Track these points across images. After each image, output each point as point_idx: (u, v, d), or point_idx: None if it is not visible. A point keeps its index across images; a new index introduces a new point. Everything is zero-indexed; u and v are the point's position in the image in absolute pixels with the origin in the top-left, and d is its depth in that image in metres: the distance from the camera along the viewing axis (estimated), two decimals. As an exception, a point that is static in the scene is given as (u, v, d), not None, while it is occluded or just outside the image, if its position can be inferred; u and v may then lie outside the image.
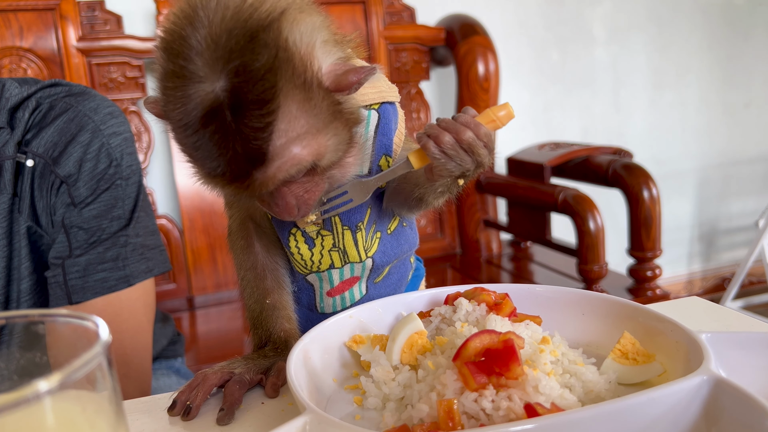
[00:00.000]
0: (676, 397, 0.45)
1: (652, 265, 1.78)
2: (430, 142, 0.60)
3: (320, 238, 0.73)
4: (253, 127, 0.52)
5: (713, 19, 2.81)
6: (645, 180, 1.75)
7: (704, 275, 3.04)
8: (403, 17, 2.16)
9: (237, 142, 0.53)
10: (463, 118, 0.60)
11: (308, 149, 0.56)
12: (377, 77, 0.72)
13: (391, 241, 0.77)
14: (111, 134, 0.94)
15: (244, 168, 0.54)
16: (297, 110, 0.54)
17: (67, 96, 0.95)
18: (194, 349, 1.66)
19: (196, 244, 1.93)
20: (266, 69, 0.52)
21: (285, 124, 0.54)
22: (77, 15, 1.77)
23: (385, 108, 0.72)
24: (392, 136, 0.72)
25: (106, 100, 0.97)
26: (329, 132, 0.58)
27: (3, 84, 0.92)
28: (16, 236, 0.91)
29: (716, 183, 2.97)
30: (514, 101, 2.51)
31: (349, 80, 0.57)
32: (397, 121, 0.74)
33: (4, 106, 0.90)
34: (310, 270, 0.75)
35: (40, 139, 0.91)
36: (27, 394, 0.28)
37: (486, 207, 2.24)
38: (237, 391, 0.60)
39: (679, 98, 2.83)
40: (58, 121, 0.92)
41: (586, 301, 0.66)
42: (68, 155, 0.91)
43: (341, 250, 0.74)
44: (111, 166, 0.93)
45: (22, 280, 0.93)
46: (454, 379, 0.49)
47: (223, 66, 0.51)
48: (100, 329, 0.35)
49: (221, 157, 0.54)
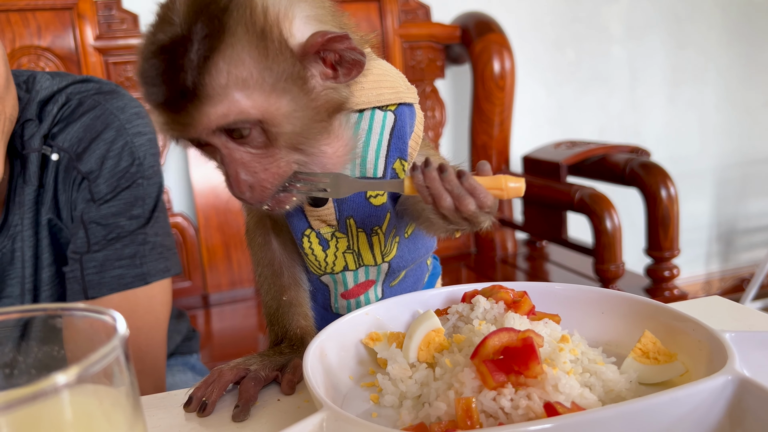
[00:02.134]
0: (699, 397, 0.44)
1: (669, 265, 1.76)
2: (429, 199, 0.58)
3: (334, 239, 0.73)
4: (194, 58, 0.54)
5: (732, 17, 2.78)
6: (663, 179, 1.73)
7: (722, 275, 3.01)
8: (418, 15, 2.15)
9: (179, 72, 0.54)
10: (468, 183, 0.57)
11: (252, 101, 0.55)
12: (396, 77, 0.71)
13: (408, 245, 0.76)
14: (136, 134, 0.95)
15: (181, 99, 0.55)
16: (246, 56, 0.55)
17: (96, 93, 0.96)
18: (209, 346, 1.67)
19: (211, 242, 1.94)
20: (220, 10, 0.55)
21: (226, 64, 0.54)
22: (94, 14, 1.78)
23: (401, 110, 0.70)
24: (407, 139, 0.71)
25: (134, 100, 0.98)
26: (286, 97, 0.57)
27: (34, 77, 0.93)
28: (40, 227, 0.93)
29: (735, 182, 2.93)
30: (529, 99, 2.51)
31: (315, 40, 0.57)
32: (414, 124, 0.72)
33: (34, 98, 0.91)
34: (324, 271, 0.75)
35: (66, 133, 0.92)
36: (45, 388, 0.28)
37: (501, 205, 2.23)
38: (252, 388, 0.60)
39: (698, 96, 2.80)
40: (85, 118, 0.93)
41: (605, 300, 0.65)
42: (91, 152, 0.92)
43: (356, 252, 0.74)
44: (133, 165, 0.94)
45: (43, 269, 0.94)
46: (472, 377, 0.48)
47: (186, 9, 0.55)
48: (118, 324, 0.34)
49: (162, 84, 0.55)
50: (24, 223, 0.92)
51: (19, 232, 0.92)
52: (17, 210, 0.91)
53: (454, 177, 0.57)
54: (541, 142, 2.36)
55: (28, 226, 0.92)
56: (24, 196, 0.91)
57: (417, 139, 0.73)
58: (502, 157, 2.19)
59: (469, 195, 0.57)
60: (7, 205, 0.92)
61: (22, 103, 0.91)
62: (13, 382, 0.39)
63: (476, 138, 2.19)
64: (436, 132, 2.24)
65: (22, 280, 0.93)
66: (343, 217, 0.71)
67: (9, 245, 0.92)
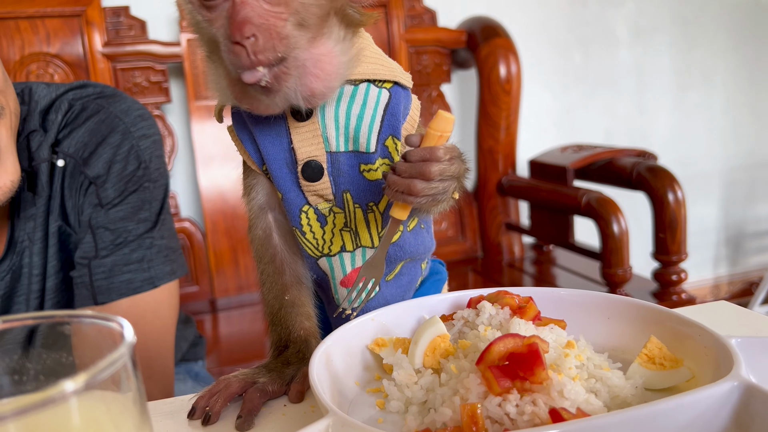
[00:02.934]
0: (705, 403, 0.44)
1: (677, 269, 1.76)
2: (406, 196, 0.60)
3: (332, 215, 0.73)
4: None
5: (739, 20, 2.77)
6: (670, 182, 1.73)
7: (731, 279, 2.99)
8: (424, 20, 2.15)
9: None
10: (415, 155, 0.60)
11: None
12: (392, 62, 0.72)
13: (410, 238, 0.76)
14: (141, 136, 0.95)
15: None
16: None
17: (99, 98, 0.96)
18: (216, 351, 1.67)
19: (219, 247, 1.95)
20: None
21: None
22: (103, 21, 1.80)
23: (396, 90, 0.71)
24: (401, 117, 0.71)
25: (136, 103, 0.99)
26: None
27: (29, 88, 0.93)
28: (50, 235, 0.93)
29: (743, 185, 2.92)
30: (536, 103, 2.51)
31: None
32: (409, 107, 0.73)
33: (34, 108, 0.91)
34: (321, 252, 0.75)
35: (71, 139, 0.92)
36: (53, 394, 0.28)
37: (508, 210, 2.22)
38: (257, 398, 0.60)
39: (705, 99, 2.79)
40: (90, 122, 0.93)
41: (611, 305, 0.65)
42: (98, 156, 0.92)
43: (353, 230, 0.74)
44: (140, 168, 0.94)
45: (49, 278, 0.94)
46: (477, 383, 0.48)
47: None
48: (125, 330, 0.35)
49: None
50: (35, 237, 0.91)
51: (27, 247, 0.91)
52: (23, 225, 0.91)
53: (405, 163, 0.60)
54: (548, 145, 2.36)
55: (38, 239, 0.91)
56: (28, 210, 0.90)
57: (412, 122, 0.73)
58: (508, 161, 2.19)
59: (424, 161, 0.59)
60: (12, 221, 0.91)
61: (21, 115, 0.90)
62: (22, 389, 0.39)
63: (483, 142, 2.19)
64: (442, 136, 2.23)
65: (27, 295, 0.93)
66: (339, 191, 0.71)
67: (17, 262, 0.92)
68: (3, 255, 0.91)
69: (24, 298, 0.93)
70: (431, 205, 0.63)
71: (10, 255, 0.91)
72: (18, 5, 1.73)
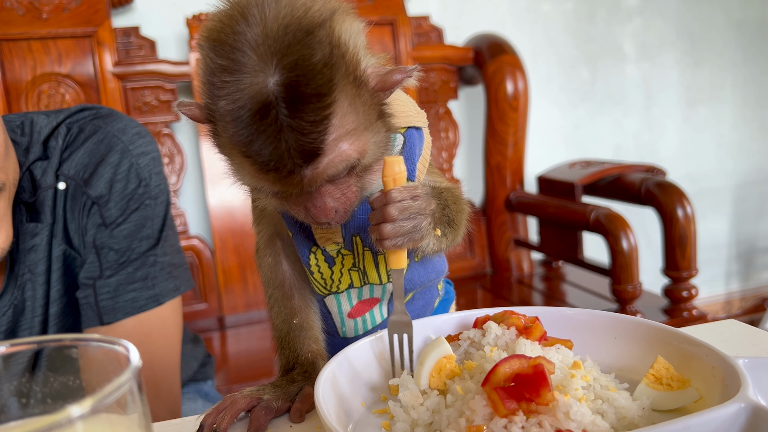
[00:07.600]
0: (713, 425, 0.44)
1: (687, 285, 1.74)
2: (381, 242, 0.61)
3: (340, 257, 0.73)
4: (309, 120, 0.53)
5: (746, 34, 2.77)
6: (679, 198, 1.72)
7: (743, 295, 2.96)
8: (431, 37, 2.17)
9: (291, 136, 0.53)
10: (376, 203, 0.61)
11: (355, 146, 0.57)
12: (406, 101, 0.72)
13: (418, 269, 0.76)
14: (139, 154, 0.96)
15: (297, 162, 0.54)
16: (348, 106, 0.55)
17: (95, 118, 0.97)
18: (225, 368, 1.67)
19: (227, 264, 1.95)
20: (323, 63, 0.53)
21: (338, 120, 0.55)
22: (113, 41, 1.82)
23: (410, 133, 0.71)
24: (416, 161, 0.72)
25: (132, 121, 0.99)
26: (372, 131, 0.59)
27: (30, 119, 0.94)
28: (53, 262, 0.93)
29: (753, 200, 2.90)
30: (544, 119, 2.51)
31: (394, 79, 0.58)
32: (422, 147, 0.73)
33: (37, 139, 0.92)
34: (329, 290, 0.75)
35: (71, 161, 0.93)
36: (60, 419, 0.29)
37: (516, 226, 2.22)
38: (263, 417, 0.60)
39: (714, 114, 2.78)
40: (88, 143, 0.94)
41: (618, 325, 0.64)
42: (99, 176, 0.93)
43: (361, 270, 0.74)
44: (140, 186, 0.95)
45: (52, 304, 0.94)
46: (483, 404, 0.48)
47: (279, 60, 0.52)
48: (131, 354, 0.35)
49: (275, 151, 0.53)
50: (36, 269, 0.91)
51: (29, 279, 0.91)
52: (23, 258, 0.91)
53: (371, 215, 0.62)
54: (556, 161, 2.36)
55: (41, 271, 0.91)
56: (28, 242, 0.90)
57: (424, 162, 0.74)
58: (516, 177, 2.19)
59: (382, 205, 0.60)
60: (12, 256, 0.91)
61: (23, 147, 0.91)
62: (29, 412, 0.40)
63: (490, 159, 2.19)
64: (449, 153, 2.24)
65: (31, 329, 0.93)
66: (348, 235, 0.72)
67: (19, 296, 0.91)
68: (3, 289, 0.90)
69: (28, 333, 0.93)
70: (409, 244, 0.62)
71: (11, 289, 0.91)
72: (30, 26, 1.76)
